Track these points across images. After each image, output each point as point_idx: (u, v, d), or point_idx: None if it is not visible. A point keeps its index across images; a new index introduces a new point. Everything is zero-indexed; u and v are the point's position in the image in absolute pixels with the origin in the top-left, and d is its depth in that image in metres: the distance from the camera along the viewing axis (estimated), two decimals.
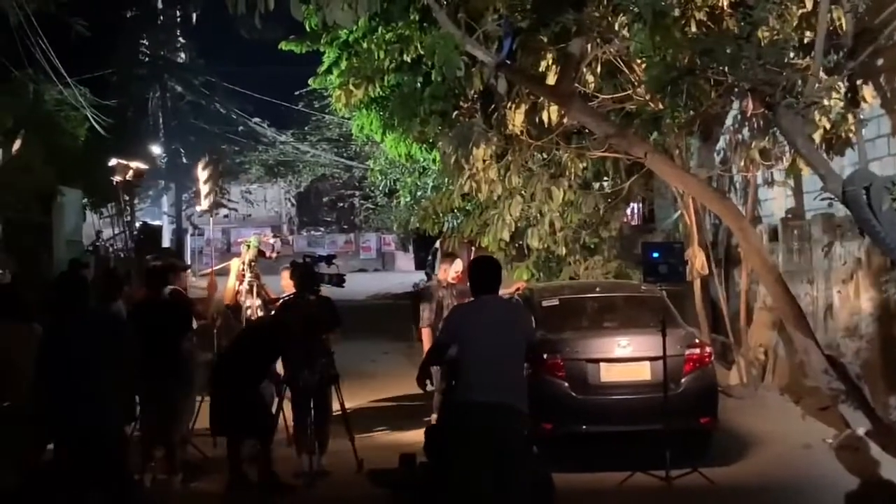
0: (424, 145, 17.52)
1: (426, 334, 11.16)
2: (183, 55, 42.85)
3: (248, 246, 11.15)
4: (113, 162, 18.86)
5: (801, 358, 11.38)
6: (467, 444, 6.76)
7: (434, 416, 10.70)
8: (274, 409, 9.85)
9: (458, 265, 11.80)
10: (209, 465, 9.68)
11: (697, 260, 13.08)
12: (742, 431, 10.88)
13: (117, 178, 18.65)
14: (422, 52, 14.42)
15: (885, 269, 10.82)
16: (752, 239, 11.66)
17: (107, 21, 24.96)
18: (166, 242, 37.48)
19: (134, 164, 18.85)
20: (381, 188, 28.13)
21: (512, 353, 6.96)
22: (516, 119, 13.15)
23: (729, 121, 13.88)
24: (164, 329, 9.12)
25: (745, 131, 13.46)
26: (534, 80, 12.38)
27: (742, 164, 12.56)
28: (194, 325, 10.22)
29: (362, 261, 50.59)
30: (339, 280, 10.11)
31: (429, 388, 9.04)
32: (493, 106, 13.95)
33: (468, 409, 6.81)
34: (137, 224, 31.25)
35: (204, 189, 13.42)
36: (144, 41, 38.92)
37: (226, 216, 43.06)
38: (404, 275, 41.17)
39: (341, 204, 50.71)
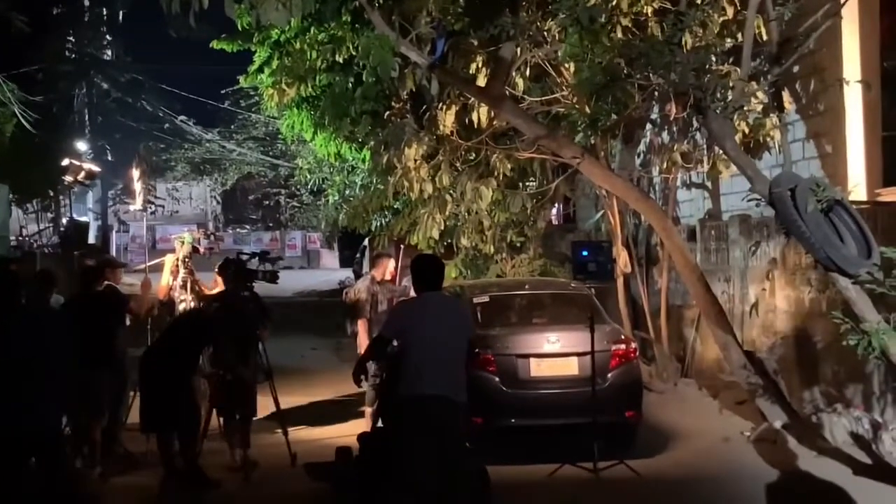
0: (354, 145, 17.40)
1: (361, 326, 11.04)
2: (109, 52, 42.06)
3: (183, 242, 10.93)
4: (66, 162, 18.29)
5: (721, 354, 11.52)
6: (411, 437, 6.74)
7: (368, 409, 10.60)
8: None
9: (392, 262, 11.77)
10: (144, 459, 9.46)
11: (621, 258, 13.20)
12: (664, 425, 10.99)
13: (69, 178, 18.08)
14: (353, 53, 14.31)
15: (799, 268, 11.02)
16: (676, 238, 11.78)
17: (34, 17, 24.34)
18: (91, 239, 36.80)
19: (87, 166, 18.30)
20: (308, 186, 27.87)
21: (455, 349, 6.95)
22: (447, 120, 13.10)
23: (648, 124, 14.03)
24: (98, 322, 8.94)
25: (665, 134, 13.63)
26: (465, 81, 12.36)
27: (664, 166, 12.67)
28: (127, 321, 10.02)
29: (288, 258, 50.17)
30: (272, 276, 9.98)
31: (363, 384, 8.99)
32: (424, 107, 13.91)
33: (412, 402, 6.77)
34: (64, 220, 30.62)
35: (137, 187, 13.16)
36: (71, 38, 38.09)
37: (152, 213, 42.43)
38: (330, 272, 40.96)
39: (267, 202, 50.21)
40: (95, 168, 20.29)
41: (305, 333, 19.49)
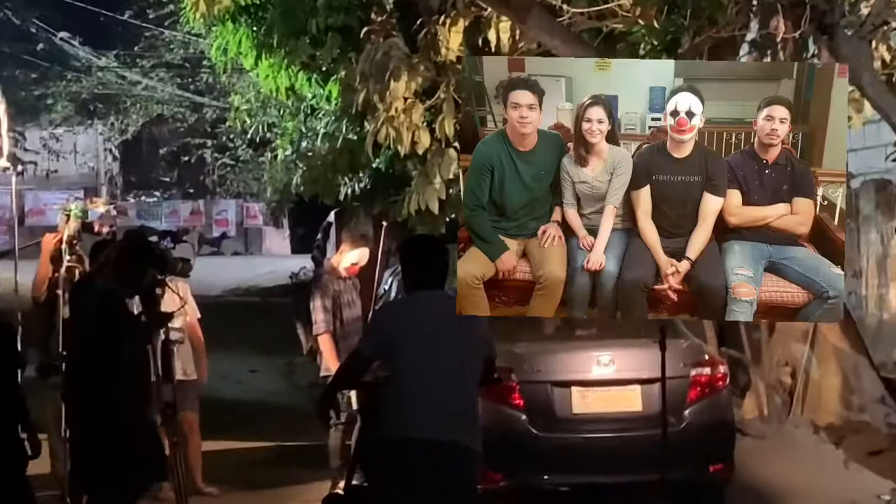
0: (316, 76, 17.39)
1: (325, 342, 11.02)
2: None
3: (69, 216, 10.83)
4: None
5: (848, 381, 11.54)
6: (397, 499, 6.79)
7: (336, 468, 10.61)
8: None
9: (362, 254, 11.66)
10: None
11: None
12: (765, 483, 11.05)
13: None
14: None
15: None
16: None
17: None
18: None
19: None
20: (247, 136, 27.88)
21: (460, 373, 6.95)
22: (452, 40, 13.09)
23: (745, 47, 14.02)
24: None
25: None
26: None
27: None
28: None
29: (216, 240, 50.39)
30: (184, 268, 10.00)
31: (333, 421, 9.00)
32: (419, 21, 13.88)
33: (401, 449, 6.79)
34: None
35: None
36: None
37: (20, 173, 42.50)
38: (277, 260, 41.07)
39: (186, 158, 50.05)
40: None
41: (243, 349, 19.59)
